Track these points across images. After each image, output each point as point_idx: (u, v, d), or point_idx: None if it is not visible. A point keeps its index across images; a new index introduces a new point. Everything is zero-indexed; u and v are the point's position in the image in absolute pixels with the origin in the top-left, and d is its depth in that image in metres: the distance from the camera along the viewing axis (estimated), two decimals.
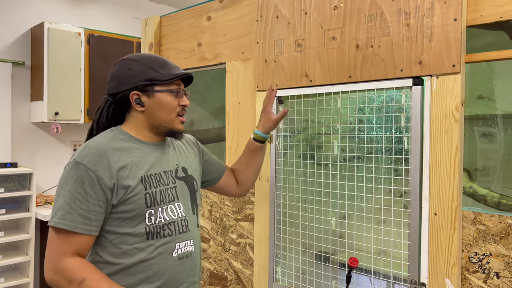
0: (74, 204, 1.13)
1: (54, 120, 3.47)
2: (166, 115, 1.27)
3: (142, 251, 1.19)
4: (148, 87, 1.25)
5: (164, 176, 1.28)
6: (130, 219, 1.19)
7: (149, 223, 1.20)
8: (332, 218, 1.53)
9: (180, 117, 1.31)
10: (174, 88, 1.27)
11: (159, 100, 1.26)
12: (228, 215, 1.91)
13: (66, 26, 3.55)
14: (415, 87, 1.29)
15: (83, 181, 1.14)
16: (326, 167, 1.58)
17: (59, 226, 1.12)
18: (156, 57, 1.30)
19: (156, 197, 1.22)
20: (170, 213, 1.26)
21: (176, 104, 1.28)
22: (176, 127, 1.30)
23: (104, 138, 1.23)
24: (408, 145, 1.31)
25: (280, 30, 1.65)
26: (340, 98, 1.50)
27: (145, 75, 1.25)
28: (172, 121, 1.29)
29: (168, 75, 1.25)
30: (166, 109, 1.27)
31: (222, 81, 1.99)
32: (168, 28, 2.23)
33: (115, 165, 1.17)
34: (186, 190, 1.33)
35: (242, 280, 1.85)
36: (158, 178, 1.25)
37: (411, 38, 1.29)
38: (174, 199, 1.28)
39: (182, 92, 1.30)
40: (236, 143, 1.89)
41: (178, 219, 1.27)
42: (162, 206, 1.24)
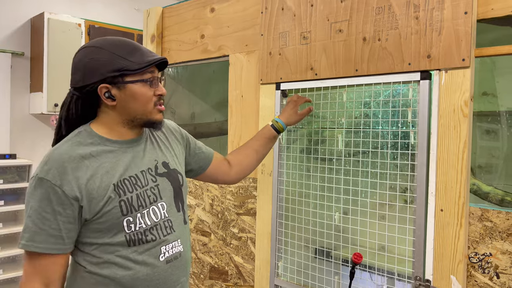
0: (43, 224, 1.03)
1: (54, 112, 3.44)
2: (142, 108, 1.14)
3: (125, 259, 1.10)
4: (118, 79, 1.10)
5: (142, 176, 1.16)
6: (107, 229, 1.09)
7: (129, 231, 1.10)
8: (336, 213, 1.51)
9: (158, 107, 1.17)
10: (148, 77, 1.13)
11: (132, 92, 1.11)
12: (230, 209, 1.90)
13: (66, 17, 3.51)
14: (423, 81, 1.27)
15: (50, 199, 1.03)
16: (330, 161, 1.56)
17: (29, 249, 1.03)
18: (124, 42, 1.14)
19: (133, 203, 1.11)
20: (152, 216, 1.15)
21: (152, 95, 1.14)
22: (155, 117, 1.17)
23: (70, 146, 1.10)
24: (415, 140, 1.29)
25: (285, 23, 1.63)
26: (345, 92, 1.48)
27: (113, 65, 1.09)
28: (149, 112, 1.16)
29: (140, 63, 1.11)
30: (141, 101, 1.13)
31: (225, 74, 1.96)
32: (170, 19, 2.20)
33: (83, 176, 1.06)
34: (169, 186, 1.22)
35: (243, 274, 1.84)
36: (134, 181, 1.14)
37: (420, 31, 1.27)
38: (157, 199, 1.17)
39: (157, 80, 1.17)
40: (239, 137, 1.87)
41: (160, 221, 1.17)
42: (142, 211, 1.13)
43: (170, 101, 2.41)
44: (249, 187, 1.81)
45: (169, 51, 2.21)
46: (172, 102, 2.42)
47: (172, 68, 2.35)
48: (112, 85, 1.10)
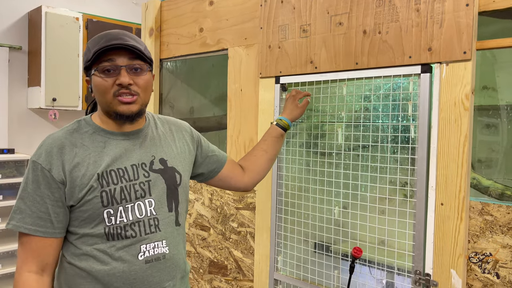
0: (33, 206, 1.06)
1: (52, 106, 3.42)
2: (102, 99, 1.11)
3: (103, 253, 1.09)
4: (87, 71, 1.13)
5: (131, 170, 1.13)
6: (88, 219, 1.09)
7: (109, 223, 1.09)
8: (335, 208, 1.50)
9: (118, 98, 1.10)
10: (104, 65, 1.08)
11: (94, 83, 1.11)
12: (229, 203, 1.89)
13: (64, 10, 3.48)
14: (424, 74, 1.26)
15: (39, 181, 1.06)
16: (330, 156, 1.55)
17: (19, 230, 1.06)
18: (102, 33, 1.13)
19: (115, 195, 1.09)
20: (136, 212, 1.12)
21: (109, 84, 1.09)
22: (116, 109, 1.11)
23: (64, 132, 1.13)
24: (415, 134, 1.29)
25: (285, 15, 1.61)
26: (345, 86, 1.47)
27: (85, 57, 1.13)
28: (110, 103, 1.10)
29: (93, 52, 1.08)
30: (99, 92, 1.10)
31: (223, 68, 1.95)
32: (169, 13, 2.19)
33: (69, 163, 1.08)
34: (162, 184, 1.18)
35: (243, 269, 1.83)
36: (121, 173, 1.12)
37: (420, 24, 1.26)
38: (145, 195, 1.14)
39: (120, 69, 1.09)
40: (238, 131, 1.86)
41: (145, 218, 1.13)
42: (125, 205, 1.10)
43: (169, 95, 2.40)
44: None
45: (168, 44, 2.19)
46: (171, 96, 2.41)
47: (171, 62, 2.34)
48: (89, 77, 1.14)
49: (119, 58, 1.09)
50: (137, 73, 1.11)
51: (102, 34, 1.13)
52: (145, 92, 1.14)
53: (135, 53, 1.11)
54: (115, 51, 1.09)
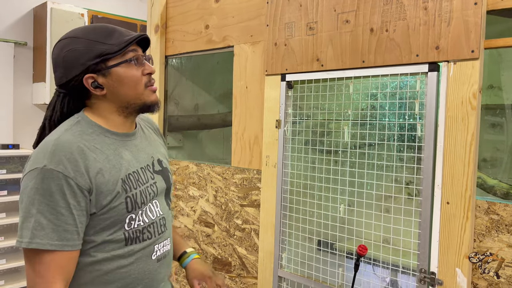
0: (57, 220, 0.95)
1: None
2: (132, 91, 1.07)
3: (121, 258, 1.06)
4: (101, 65, 1.03)
5: (142, 173, 1.12)
6: (108, 226, 1.04)
7: (128, 228, 1.06)
8: (341, 206, 1.51)
9: (150, 87, 1.10)
10: (132, 56, 1.06)
11: (118, 76, 1.04)
12: (234, 200, 1.90)
13: (69, 6, 3.49)
14: (431, 73, 1.25)
15: (63, 192, 0.96)
16: (335, 154, 1.55)
17: (45, 248, 0.95)
18: (99, 27, 1.08)
19: (137, 200, 1.08)
20: (149, 214, 1.12)
21: (140, 75, 1.07)
22: (149, 99, 1.10)
23: (72, 135, 1.02)
24: (422, 132, 1.29)
25: (291, 13, 1.61)
26: (352, 84, 1.47)
27: (93, 52, 1.03)
28: (141, 94, 1.08)
29: (119, 44, 1.03)
30: (130, 84, 1.06)
31: (229, 65, 1.95)
32: (174, 9, 2.19)
33: (92, 169, 1.00)
34: (163, 185, 1.19)
35: (247, 265, 1.84)
36: (137, 177, 1.09)
37: (428, 22, 1.26)
38: (154, 196, 1.14)
39: (143, 58, 1.09)
40: (243, 128, 1.87)
41: (156, 218, 1.14)
42: (143, 208, 1.09)
43: (174, 92, 2.40)
44: (253, 179, 1.81)
45: (173, 41, 2.19)
46: (176, 93, 2.41)
47: (176, 59, 2.34)
48: (97, 73, 1.04)
49: (138, 49, 1.09)
50: (150, 62, 1.12)
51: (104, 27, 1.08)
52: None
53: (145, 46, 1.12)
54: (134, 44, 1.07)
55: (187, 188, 2.13)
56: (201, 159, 2.12)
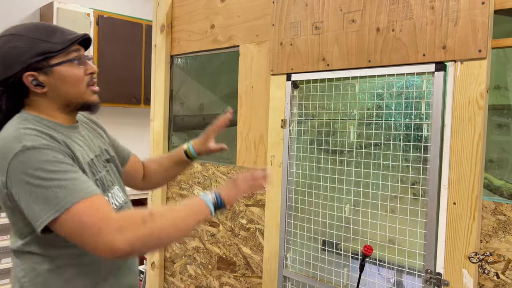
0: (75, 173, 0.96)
1: None
2: (75, 89, 1.08)
3: None
4: (43, 63, 1.03)
5: (97, 161, 1.14)
6: None
7: None
8: (346, 206, 1.50)
9: (91, 87, 1.11)
10: (75, 55, 1.06)
11: (61, 75, 1.05)
12: (238, 200, 1.90)
13: (75, 6, 3.51)
14: (438, 72, 1.25)
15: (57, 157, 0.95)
16: (341, 153, 1.55)
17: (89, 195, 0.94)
18: (42, 25, 1.08)
19: (104, 183, 1.11)
20: (117, 198, 1.15)
21: (82, 74, 1.08)
22: (90, 99, 1.11)
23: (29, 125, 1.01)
24: (428, 132, 1.28)
25: (297, 12, 1.61)
26: (358, 83, 1.47)
27: (35, 50, 1.02)
28: (83, 93, 1.09)
29: (62, 43, 1.04)
30: (72, 82, 1.07)
31: (234, 65, 1.95)
32: (180, 9, 2.19)
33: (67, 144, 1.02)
34: (116, 172, 1.22)
35: (251, 265, 1.84)
36: (96, 163, 1.12)
37: (435, 22, 1.25)
38: (114, 183, 1.17)
39: (84, 58, 1.09)
40: (248, 128, 1.87)
41: (123, 203, 1.17)
42: (110, 191, 1.13)
43: (179, 92, 2.40)
44: None
45: (179, 41, 2.20)
46: (181, 93, 2.41)
47: (181, 59, 2.34)
48: (38, 71, 1.03)
49: (81, 49, 1.10)
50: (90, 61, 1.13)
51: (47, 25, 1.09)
52: None
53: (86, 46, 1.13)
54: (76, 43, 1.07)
55: (192, 188, 2.13)
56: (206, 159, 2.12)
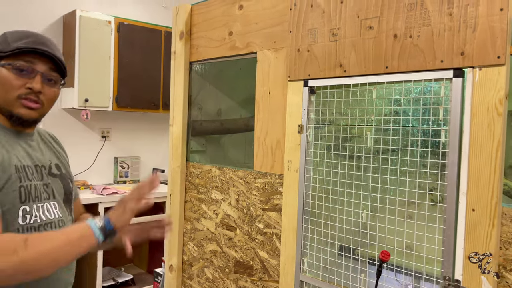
0: None
1: (84, 107, 3.54)
2: (3, 94, 1.06)
3: None
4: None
5: (35, 170, 1.11)
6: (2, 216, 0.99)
7: (23, 222, 1.02)
8: (363, 211, 1.51)
9: (23, 100, 1.07)
10: (21, 64, 1.06)
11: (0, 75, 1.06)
12: (256, 204, 1.92)
13: (97, 14, 3.60)
14: (456, 79, 1.25)
15: None
16: (358, 159, 1.56)
17: None
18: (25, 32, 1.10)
19: (31, 192, 1.05)
20: (47, 213, 1.09)
21: (18, 84, 1.06)
22: (16, 111, 1.07)
23: None
24: (446, 138, 1.28)
25: (314, 19, 1.63)
26: (375, 89, 1.48)
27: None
28: (11, 102, 1.07)
29: (13, 48, 1.05)
30: (3, 86, 1.05)
31: (251, 71, 1.98)
32: (199, 16, 2.23)
33: None
34: (61, 189, 1.18)
35: (268, 269, 1.85)
36: (31, 171, 1.09)
37: (453, 28, 1.25)
38: (50, 197, 1.12)
39: (36, 74, 1.08)
40: (265, 133, 1.89)
41: (55, 219, 1.11)
42: (37, 203, 1.07)
43: (197, 97, 2.44)
44: (275, 183, 1.83)
45: (198, 48, 2.24)
46: (199, 99, 2.46)
47: (200, 65, 2.39)
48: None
49: (40, 63, 1.09)
50: (50, 84, 1.12)
51: (28, 32, 1.11)
52: (49, 104, 1.15)
53: (57, 65, 1.12)
54: (38, 55, 1.07)
55: (209, 192, 2.16)
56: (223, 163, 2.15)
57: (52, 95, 1.13)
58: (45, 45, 1.10)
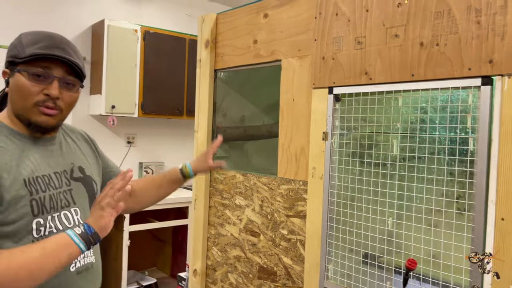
0: None
1: (111, 113, 3.63)
2: (21, 101, 1.03)
3: None
4: (11, 65, 1.04)
5: (55, 178, 1.07)
6: (13, 233, 0.97)
7: (37, 235, 1.00)
8: (389, 219, 1.50)
9: (40, 107, 1.04)
10: (37, 70, 1.02)
11: (16, 82, 1.03)
12: (279, 210, 1.93)
13: (124, 23, 3.70)
14: (484, 87, 1.24)
15: None
16: (383, 166, 1.56)
17: None
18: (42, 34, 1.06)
19: (45, 203, 1.02)
20: (65, 221, 1.06)
21: (35, 90, 1.02)
22: (34, 118, 1.04)
23: None
24: (474, 146, 1.27)
25: (339, 28, 1.65)
26: (401, 97, 1.48)
27: (12, 51, 1.04)
28: (28, 110, 1.04)
29: (29, 53, 1.02)
30: (21, 93, 1.02)
31: (274, 78, 2.00)
32: (224, 25, 2.28)
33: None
34: (84, 193, 1.15)
35: (292, 276, 1.86)
36: (47, 181, 1.05)
37: (481, 36, 1.25)
38: (69, 204, 1.09)
39: (53, 79, 1.04)
40: (289, 140, 1.91)
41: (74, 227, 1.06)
42: (53, 214, 1.04)
43: (222, 104, 2.48)
44: (299, 190, 1.84)
45: (222, 56, 2.28)
46: (224, 105, 2.49)
47: (224, 73, 2.43)
48: (10, 72, 1.05)
49: (56, 68, 1.05)
50: (68, 88, 1.09)
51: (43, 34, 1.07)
52: (68, 109, 1.12)
53: (73, 69, 1.08)
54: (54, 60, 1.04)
55: (233, 197, 2.19)
56: (247, 169, 2.18)
57: (70, 99, 1.10)
58: (61, 48, 1.06)
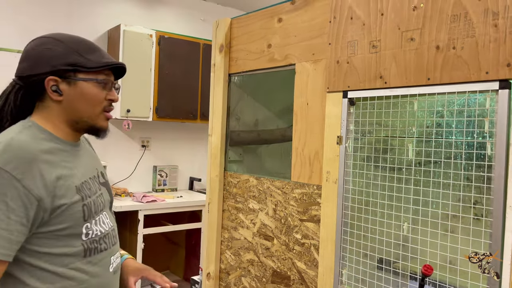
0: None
1: (126, 117, 3.68)
2: (89, 109, 1.07)
3: (79, 272, 1.03)
4: (70, 73, 1.04)
5: (91, 183, 1.11)
6: (65, 236, 1.00)
7: (86, 238, 1.04)
8: (404, 224, 1.49)
9: (106, 113, 1.12)
10: (102, 78, 1.08)
11: (82, 90, 1.05)
12: (293, 215, 1.93)
13: (139, 28, 3.75)
14: (502, 90, 1.22)
15: (4, 193, 0.90)
16: (399, 171, 1.54)
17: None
18: (85, 41, 1.10)
19: (92, 209, 1.06)
20: (102, 224, 1.11)
21: (103, 97, 1.09)
22: (100, 123, 1.11)
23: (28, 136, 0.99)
24: (492, 151, 1.25)
25: (354, 32, 1.64)
26: (416, 101, 1.46)
27: (68, 59, 1.04)
28: (96, 116, 1.09)
29: (97, 62, 1.06)
30: (90, 101, 1.06)
31: (288, 82, 2.01)
32: (238, 30, 2.29)
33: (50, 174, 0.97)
34: (108, 197, 1.20)
35: (306, 280, 1.86)
36: (89, 186, 1.09)
37: (498, 39, 1.23)
38: (102, 208, 1.13)
39: (112, 85, 1.12)
40: (303, 144, 1.90)
41: (109, 230, 1.14)
42: (95, 217, 1.08)
43: (236, 108, 2.50)
44: (313, 194, 1.84)
45: (237, 60, 2.29)
46: (238, 109, 2.51)
47: (238, 77, 2.44)
48: (62, 79, 1.05)
49: (111, 74, 1.13)
50: (117, 91, 1.16)
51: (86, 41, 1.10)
52: None
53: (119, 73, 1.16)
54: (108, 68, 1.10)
55: (247, 201, 2.19)
56: (260, 173, 2.18)
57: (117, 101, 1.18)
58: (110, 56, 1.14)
